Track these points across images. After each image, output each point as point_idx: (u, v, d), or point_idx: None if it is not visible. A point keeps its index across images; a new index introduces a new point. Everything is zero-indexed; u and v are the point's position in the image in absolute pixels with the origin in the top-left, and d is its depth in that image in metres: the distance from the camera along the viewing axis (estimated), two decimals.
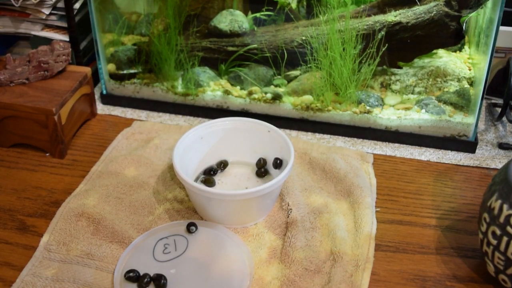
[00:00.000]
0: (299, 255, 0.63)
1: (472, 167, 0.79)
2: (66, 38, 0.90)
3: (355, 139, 0.85)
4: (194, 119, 0.89)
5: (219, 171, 0.75)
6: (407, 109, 0.84)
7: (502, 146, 0.83)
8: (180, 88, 0.90)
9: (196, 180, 0.73)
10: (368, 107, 0.84)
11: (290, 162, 0.67)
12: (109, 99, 0.92)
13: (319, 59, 0.82)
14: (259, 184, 0.72)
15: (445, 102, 0.84)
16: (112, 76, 0.92)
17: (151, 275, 0.60)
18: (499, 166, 0.79)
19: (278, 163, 0.72)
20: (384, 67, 0.85)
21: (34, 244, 0.65)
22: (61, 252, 0.64)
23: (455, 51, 0.91)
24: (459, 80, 0.85)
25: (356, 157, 0.79)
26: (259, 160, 0.74)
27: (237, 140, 0.75)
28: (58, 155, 0.80)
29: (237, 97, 0.88)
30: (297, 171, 0.75)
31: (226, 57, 0.87)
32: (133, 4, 0.93)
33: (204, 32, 0.88)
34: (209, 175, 0.74)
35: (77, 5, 0.89)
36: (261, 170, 0.74)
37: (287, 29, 0.85)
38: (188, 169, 0.71)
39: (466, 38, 0.92)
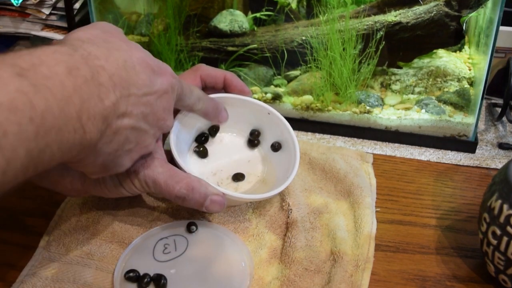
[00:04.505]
0: (299, 255, 0.63)
1: (472, 167, 0.79)
2: None
3: (355, 139, 0.85)
4: None
5: (210, 137, 0.72)
6: (407, 109, 0.84)
7: (502, 146, 0.83)
8: None
9: (189, 149, 0.71)
10: (368, 107, 0.84)
11: (296, 163, 0.67)
12: None
13: (319, 59, 0.82)
14: (249, 158, 0.72)
15: (445, 102, 0.84)
16: None
17: (151, 275, 0.60)
18: (499, 166, 0.79)
19: (277, 147, 0.71)
20: (384, 67, 0.85)
21: (34, 244, 0.65)
22: (61, 252, 0.64)
23: (455, 51, 0.91)
24: (459, 80, 0.85)
25: (356, 157, 0.79)
26: (253, 130, 0.73)
27: (233, 114, 0.71)
28: None
29: None
30: (297, 171, 0.75)
31: (226, 57, 0.87)
32: (133, 4, 0.93)
33: (204, 32, 0.88)
34: (200, 143, 0.71)
35: (77, 5, 0.89)
36: (255, 141, 0.72)
37: (287, 29, 0.85)
38: (183, 144, 0.69)
39: (466, 38, 0.92)
